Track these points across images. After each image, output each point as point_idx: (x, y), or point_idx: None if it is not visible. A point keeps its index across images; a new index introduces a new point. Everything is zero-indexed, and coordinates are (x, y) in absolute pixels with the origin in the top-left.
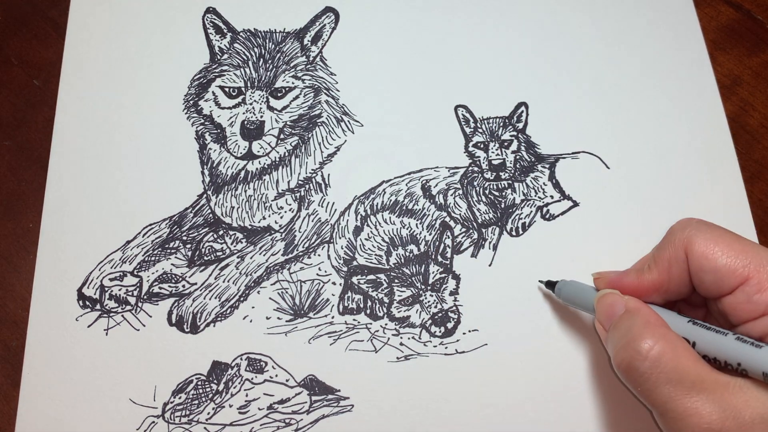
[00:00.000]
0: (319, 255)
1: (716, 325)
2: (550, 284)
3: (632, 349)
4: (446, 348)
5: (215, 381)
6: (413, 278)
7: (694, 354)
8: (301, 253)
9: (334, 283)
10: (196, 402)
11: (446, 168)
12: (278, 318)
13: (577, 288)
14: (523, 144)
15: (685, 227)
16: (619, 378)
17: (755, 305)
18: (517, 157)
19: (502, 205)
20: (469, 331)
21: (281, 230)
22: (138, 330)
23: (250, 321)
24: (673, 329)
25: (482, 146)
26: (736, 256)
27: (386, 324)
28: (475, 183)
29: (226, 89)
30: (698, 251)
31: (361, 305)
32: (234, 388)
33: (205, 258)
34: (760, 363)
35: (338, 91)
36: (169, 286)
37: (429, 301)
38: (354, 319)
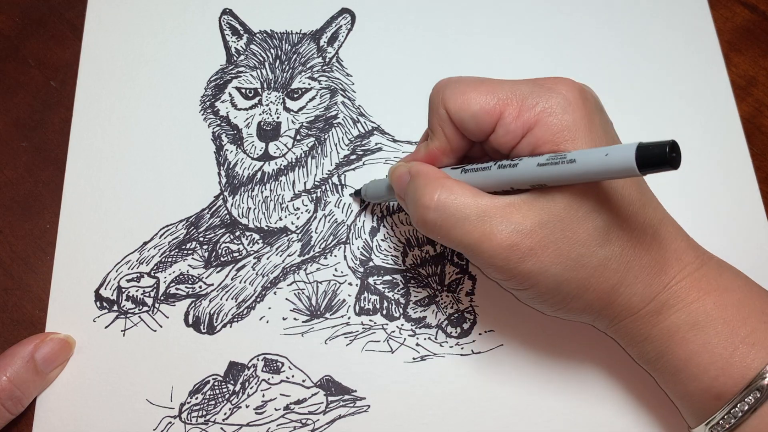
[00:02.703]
0: (335, 256)
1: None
2: (357, 193)
3: (420, 205)
4: (462, 348)
5: (232, 381)
6: (429, 279)
7: (473, 190)
8: (317, 254)
9: (350, 284)
10: (213, 402)
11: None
12: (294, 319)
13: (377, 183)
14: None
15: (438, 91)
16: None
17: (513, 134)
18: None
19: None
20: (485, 332)
21: (297, 231)
22: (155, 331)
23: (267, 322)
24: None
25: None
26: (486, 98)
27: (402, 324)
28: None
29: (243, 90)
30: (454, 107)
31: (378, 306)
32: (251, 388)
33: (222, 259)
34: (520, 177)
35: (354, 92)
36: (186, 287)
37: (445, 302)
38: (370, 320)
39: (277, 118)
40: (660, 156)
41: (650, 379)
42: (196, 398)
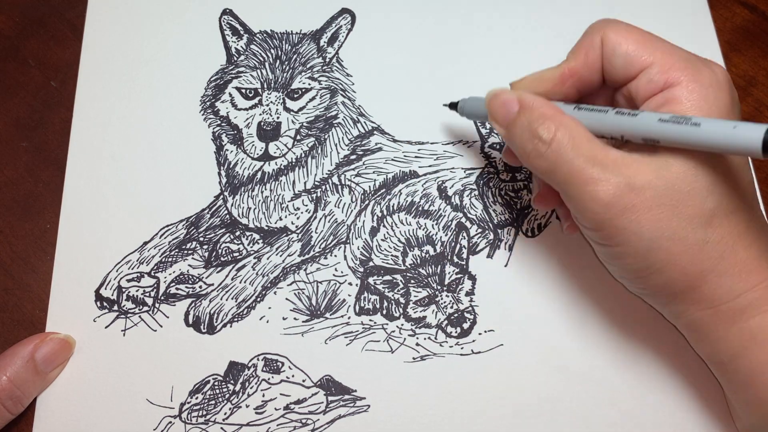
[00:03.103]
0: (335, 256)
1: None
2: (453, 105)
3: (535, 139)
4: (462, 348)
5: (232, 381)
6: (429, 279)
7: (588, 134)
8: (317, 254)
9: (350, 284)
10: (213, 402)
11: (462, 169)
12: (295, 318)
13: (479, 101)
14: None
15: (602, 21)
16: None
17: (654, 84)
18: None
19: (518, 206)
20: (485, 332)
21: (298, 231)
22: (155, 331)
23: (267, 321)
24: None
25: (498, 147)
26: (644, 45)
27: (402, 324)
28: (491, 184)
29: (243, 90)
30: (614, 37)
31: (378, 306)
32: (251, 388)
33: (222, 259)
34: (637, 128)
35: (354, 92)
36: (186, 287)
37: (445, 302)
38: (370, 320)
39: (277, 118)
40: None
41: (648, 379)
42: (196, 398)
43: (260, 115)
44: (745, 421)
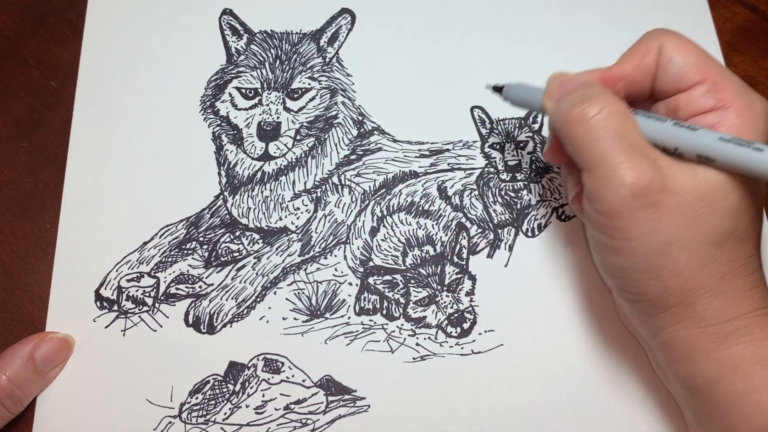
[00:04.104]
0: (335, 256)
1: None
2: (498, 88)
3: (589, 103)
4: (462, 348)
5: (232, 381)
6: (429, 279)
7: (637, 126)
8: (317, 254)
9: (350, 284)
10: (213, 402)
11: (462, 169)
12: (295, 318)
13: (526, 88)
14: (539, 145)
15: (660, 30)
16: (558, 134)
17: (705, 101)
18: (533, 158)
19: (518, 206)
20: (485, 332)
21: (298, 231)
22: (155, 331)
23: (267, 321)
24: None
25: (498, 147)
26: (702, 61)
27: (402, 324)
28: (491, 184)
29: (243, 90)
30: (671, 46)
31: (378, 306)
32: (251, 388)
33: (222, 259)
34: (694, 143)
35: (354, 92)
36: (186, 287)
37: (445, 302)
38: (370, 320)
39: (277, 118)
40: None
41: (648, 379)
42: (196, 398)
43: (260, 115)
44: None
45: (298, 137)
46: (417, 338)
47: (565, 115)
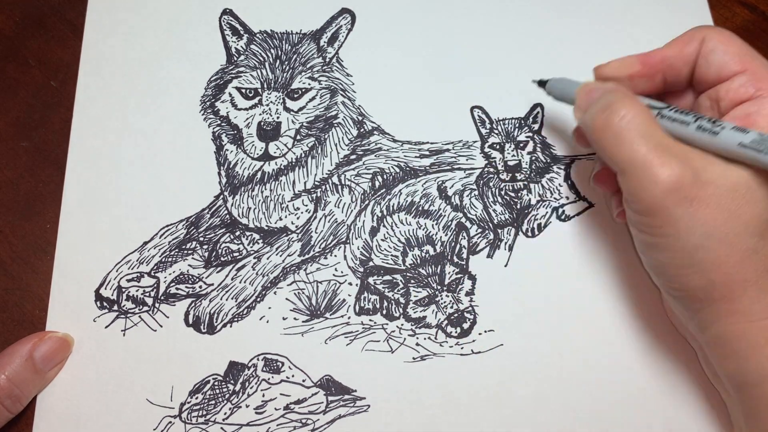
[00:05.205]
0: (335, 256)
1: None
2: (542, 83)
3: (611, 111)
4: (462, 348)
5: (232, 381)
6: (429, 279)
7: (659, 125)
8: (317, 254)
9: (350, 284)
10: (213, 402)
11: (462, 169)
12: (295, 318)
13: (567, 83)
14: (538, 145)
15: (707, 26)
16: (591, 144)
17: (745, 90)
18: (533, 158)
19: (518, 206)
20: (485, 332)
21: (297, 231)
22: (155, 331)
23: (267, 321)
24: None
25: (498, 147)
26: (744, 52)
27: (402, 324)
28: (491, 184)
29: (243, 90)
30: (714, 37)
31: (378, 306)
32: (251, 388)
33: (222, 259)
34: (717, 149)
35: (354, 92)
36: (186, 287)
37: (445, 302)
38: (370, 320)
39: (277, 118)
40: None
41: (648, 379)
42: (196, 398)
43: (260, 115)
44: None
45: (298, 137)
46: (417, 338)
47: (592, 125)
